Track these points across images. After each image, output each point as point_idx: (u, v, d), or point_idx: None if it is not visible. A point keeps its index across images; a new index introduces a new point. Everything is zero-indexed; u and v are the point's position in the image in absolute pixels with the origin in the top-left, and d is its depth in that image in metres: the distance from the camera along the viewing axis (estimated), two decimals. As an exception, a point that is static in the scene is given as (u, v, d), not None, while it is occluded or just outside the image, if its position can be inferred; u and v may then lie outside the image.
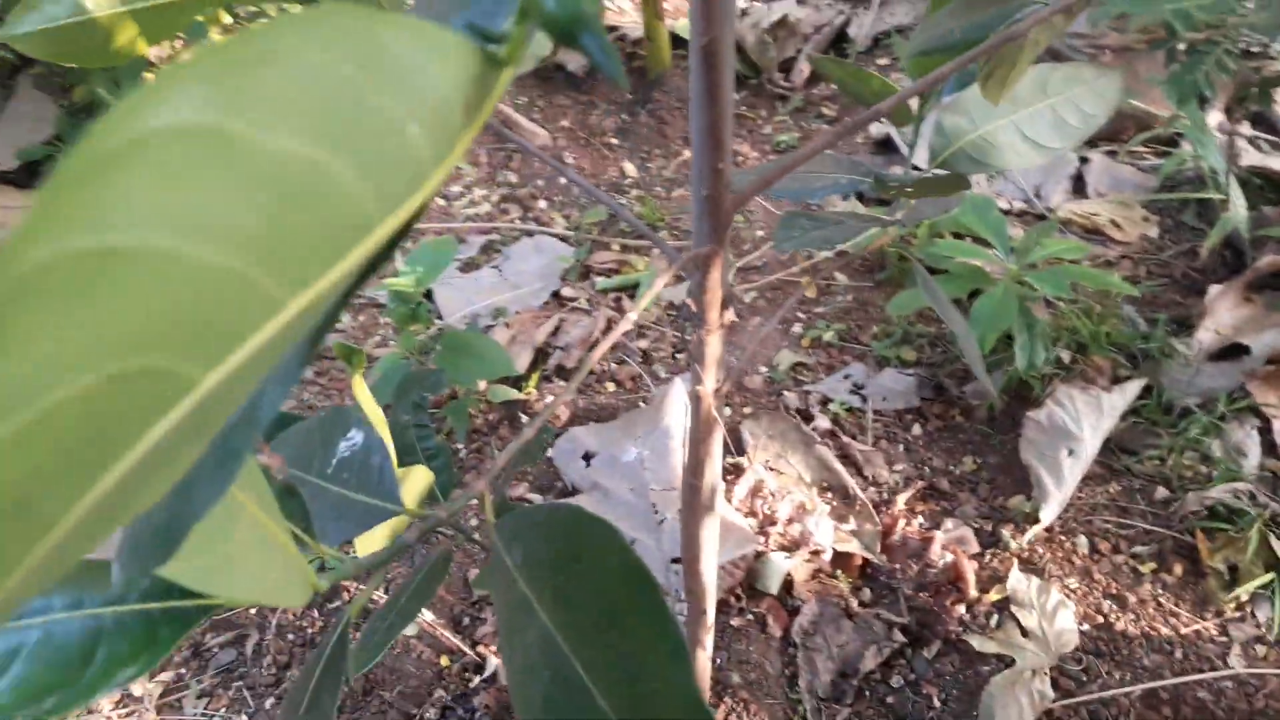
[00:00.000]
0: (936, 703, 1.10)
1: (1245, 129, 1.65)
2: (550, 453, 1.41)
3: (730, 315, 0.66)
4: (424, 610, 1.22)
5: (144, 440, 0.12)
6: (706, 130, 0.54)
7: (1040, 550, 1.24)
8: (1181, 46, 1.21)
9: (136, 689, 1.17)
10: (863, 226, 0.82)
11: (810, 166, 0.88)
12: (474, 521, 1.33)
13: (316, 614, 1.25)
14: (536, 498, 1.36)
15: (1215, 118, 1.73)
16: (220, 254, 0.12)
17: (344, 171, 0.14)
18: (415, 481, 0.69)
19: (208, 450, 0.21)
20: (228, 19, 1.99)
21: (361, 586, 1.27)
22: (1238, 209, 1.46)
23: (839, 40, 2.10)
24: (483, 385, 1.52)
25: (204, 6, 0.64)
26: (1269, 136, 1.67)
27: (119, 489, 0.12)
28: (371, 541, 0.69)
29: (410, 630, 1.20)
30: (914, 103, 0.77)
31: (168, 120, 0.11)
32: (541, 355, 1.61)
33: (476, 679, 1.16)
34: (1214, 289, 1.45)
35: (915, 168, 0.76)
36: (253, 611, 1.25)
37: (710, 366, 0.70)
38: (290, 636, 1.22)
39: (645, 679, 0.26)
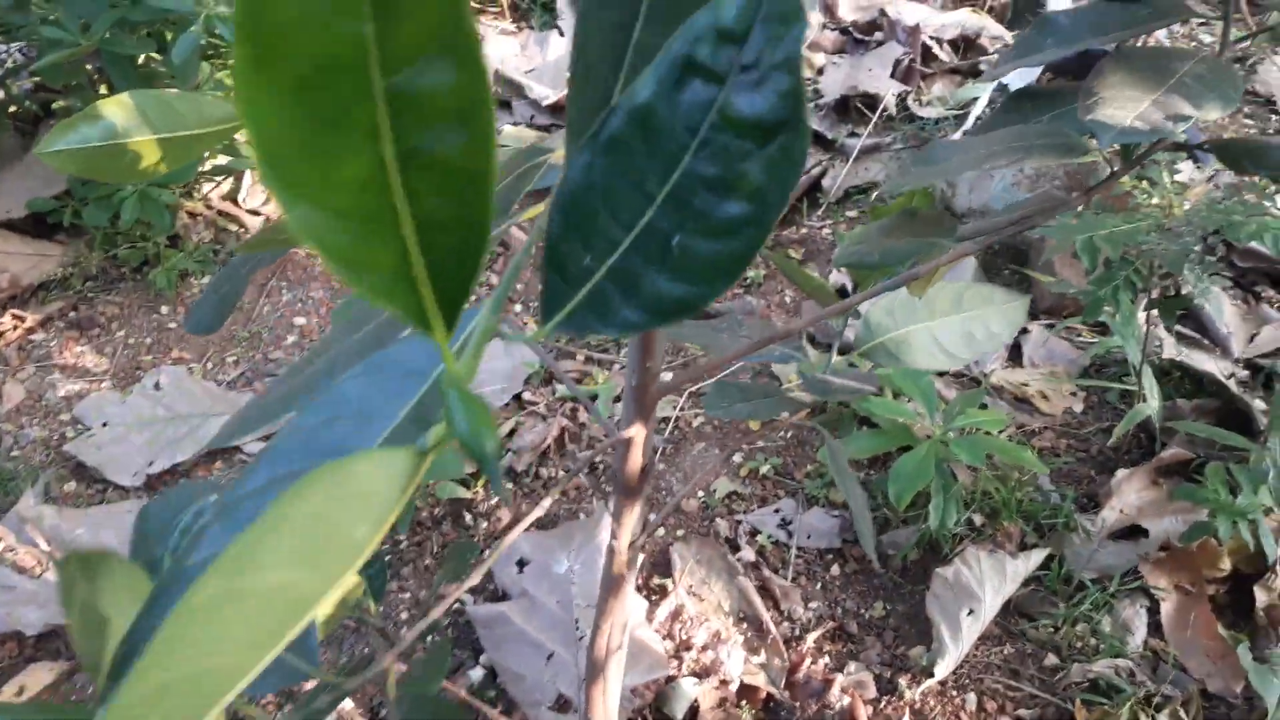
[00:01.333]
0: (815, 842, 1.16)
1: (1164, 325, 1.78)
2: (487, 553, 1.48)
3: (648, 487, 0.75)
4: None
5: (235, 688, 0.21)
6: (641, 336, 0.64)
7: (931, 702, 1.32)
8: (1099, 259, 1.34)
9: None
10: (784, 406, 0.92)
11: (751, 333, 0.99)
12: (406, 614, 1.39)
13: None
14: (467, 598, 1.43)
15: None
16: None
17: (305, 578, 0.23)
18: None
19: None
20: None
21: None
22: (1151, 399, 1.58)
23: (814, 189, 2.25)
24: (431, 480, 1.60)
25: (222, 138, 0.74)
26: (1191, 333, 1.81)
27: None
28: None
29: None
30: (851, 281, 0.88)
31: (256, 582, 0.21)
32: (494, 456, 1.70)
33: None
34: (1121, 472, 1.55)
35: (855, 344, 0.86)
36: None
37: (626, 526, 0.79)
38: None
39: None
